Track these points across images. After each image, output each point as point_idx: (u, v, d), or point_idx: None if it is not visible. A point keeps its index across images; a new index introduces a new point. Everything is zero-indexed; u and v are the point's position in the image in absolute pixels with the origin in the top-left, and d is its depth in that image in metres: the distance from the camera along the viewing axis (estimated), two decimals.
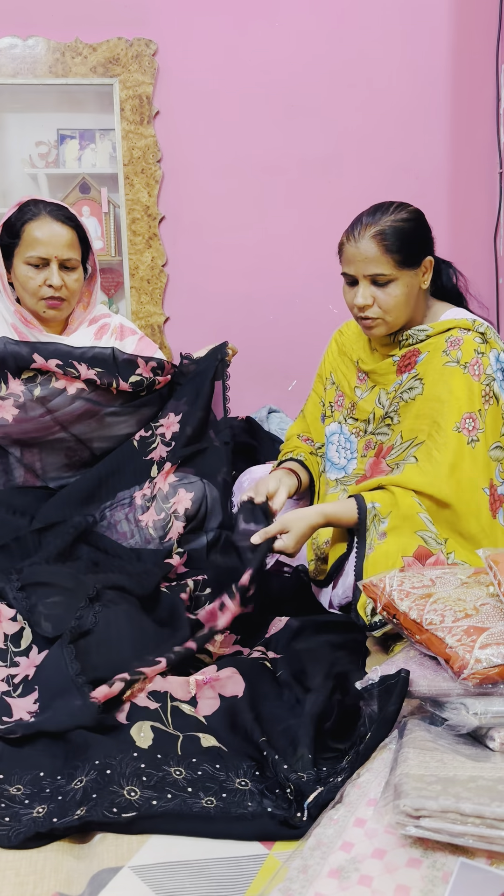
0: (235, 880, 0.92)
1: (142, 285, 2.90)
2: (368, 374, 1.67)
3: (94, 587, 1.45)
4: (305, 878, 0.84)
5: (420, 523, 1.43)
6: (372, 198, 2.82)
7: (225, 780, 1.08)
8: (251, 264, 2.95)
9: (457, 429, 1.47)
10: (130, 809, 1.01)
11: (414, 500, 1.44)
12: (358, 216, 1.56)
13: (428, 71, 2.85)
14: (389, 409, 1.60)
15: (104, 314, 1.95)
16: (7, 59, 2.73)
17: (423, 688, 1.11)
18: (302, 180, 2.90)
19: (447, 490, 1.45)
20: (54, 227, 1.74)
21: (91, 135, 2.86)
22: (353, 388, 1.71)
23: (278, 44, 2.80)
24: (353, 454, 1.69)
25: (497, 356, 1.52)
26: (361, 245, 1.50)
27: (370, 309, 1.53)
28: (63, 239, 1.74)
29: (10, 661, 1.31)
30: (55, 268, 1.74)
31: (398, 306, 1.53)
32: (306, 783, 1.06)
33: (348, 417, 1.71)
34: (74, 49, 2.73)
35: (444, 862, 0.82)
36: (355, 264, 1.52)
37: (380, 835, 0.86)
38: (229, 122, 2.84)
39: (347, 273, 1.55)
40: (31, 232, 1.74)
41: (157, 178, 2.83)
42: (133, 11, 2.75)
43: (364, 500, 1.46)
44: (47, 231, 1.73)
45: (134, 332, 1.96)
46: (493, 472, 1.50)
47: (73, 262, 1.77)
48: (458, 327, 1.53)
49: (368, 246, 1.50)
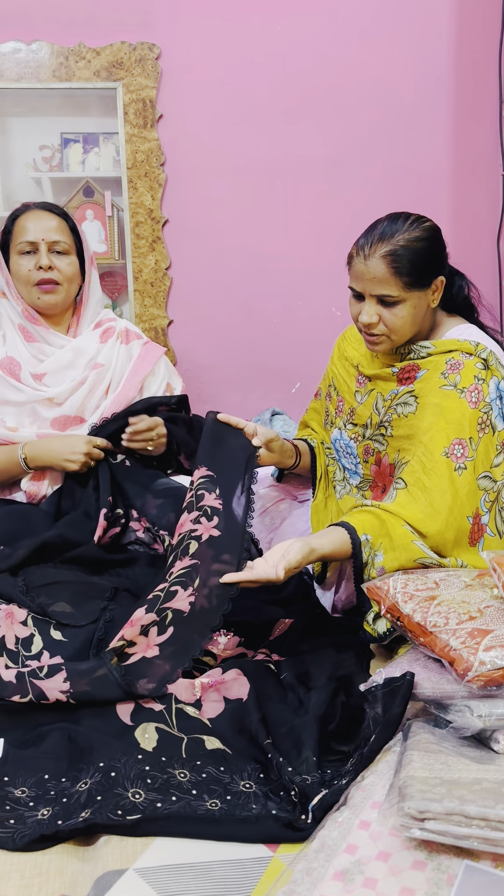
0: (240, 883, 0.92)
1: (145, 288, 2.91)
2: (369, 378, 1.64)
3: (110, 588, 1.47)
4: (310, 880, 0.84)
5: (418, 551, 1.39)
6: (375, 200, 2.85)
7: (229, 782, 1.09)
8: (254, 267, 2.95)
9: (445, 454, 1.43)
10: (135, 812, 1.01)
11: (406, 528, 1.39)
12: (371, 227, 1.50)
13: (430, 73, 2.85)
14: (384, 418, 1.57)
15: (109, 318, 1.95)
16: (11, 64, 2.74)
17: (428, 690, 1.11)
18: (305, 183, 2.90)
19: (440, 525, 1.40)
20: (42, 214, 1.80)
21: (95, 138, 2.87)
22: (352, 392, 1.68)
23: (281, 47, 2.80)
24: (356, 459, 1.67)
25: (497, 384, 1.47)
26: (371, 264, 1.45)
27: (375, 327, 1.49)
28: (50, 224, 1.79)
29: (22, 663, 1.31)
30: (44, 249, 1.77)
31: (404, 326, 1.49)
32: (310, 785, 1.06)
33: (348, 423, 1.68)
34: (78, 53, 2.74)
35: (449, 864, 0.82)
36: (363, 282, 1.47)
37: (384, 837, 0.86)
38: (232, 125, 2.85)
39: (354, 288, 1.51)
40: (20, 223, 1.80)
41: (160, 181, 2.84)
42: (137, 15, 2.76)
43: (356, 531, 1.39)
44: (34, 218, 1.79)
45: (139, 337, 1.95)
46: (479, 502, 1.45)
47: (63, 244, 1.79)
48: (461, 350, 1.49)
49: (378, 266, 1.44)
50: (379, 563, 1.38)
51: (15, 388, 1.80)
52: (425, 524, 1.40)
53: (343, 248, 1.57)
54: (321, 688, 1.29)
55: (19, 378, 1.81)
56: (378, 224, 1.49)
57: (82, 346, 1.85)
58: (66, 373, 1.83)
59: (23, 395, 1.81)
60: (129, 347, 1.91)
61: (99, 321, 1.92)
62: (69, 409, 1.82)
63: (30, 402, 1.81)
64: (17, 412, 1.82)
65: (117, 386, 1.87)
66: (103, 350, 1.87)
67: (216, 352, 3.00)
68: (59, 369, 1.83)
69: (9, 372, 1.81)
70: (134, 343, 1.92)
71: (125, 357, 1.90)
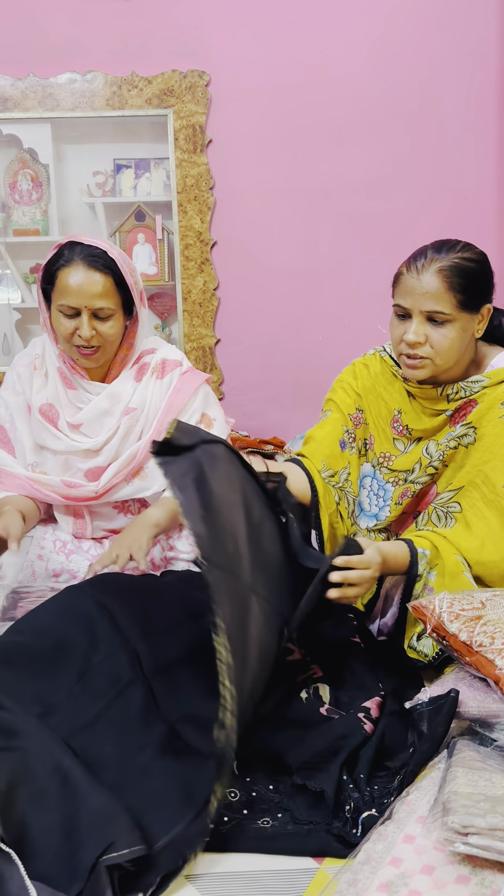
0: (286, 892, 0.94)
1: (194, 308, 2.97)
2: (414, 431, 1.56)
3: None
4: (355, 891, 0.86)
5: (467, 583, 1.37)
6: (420, 220, 2.87)
7: (279, 801, 1.10)
8: (300, 287, 2.99)
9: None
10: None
11: (458, 557, 1.38)
12: (421, 249, 1.46)
13: (475, 93, 2.87)
14: (435, 459, 1.51)
15: (148, 350, 1.85)
16: (67, 94, 2.84)
17: (473, 709, 1.12)
18: (350, 204, 2.94)
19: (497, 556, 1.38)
20: (86, 274, 1.65)
21: (146, 164, 2.95)
22: (389, 438, 1.60)
23: (326, 72, 2.85)
24: (386, 502, 1.59)
25: None
26: (424, 278, 1.40)
27: (421, 347, 1.43)
28: (95, 288, 1.65)
29: None
30: (86, 318, 1.66)
31: (451, 350, 1.43)
32: (359, 800, 1.07)
33: (382, 466, 1.61)
34: (130, 82, 2.83)
35: (493, 880, 0.83)
36: (414, 297, 1.42)
37: (429, 851, 0.88)
38: (279, 149, 2.90)
39: (402, 305, 1.45)
40: (62, 279, 1.66)
41: (209, 204, 2.91)
42: (187, 44, 2.84)
43: (414, 544, 1.37)
44: (78, 279, 1.64)
45: (178, 365, 1.84)
46: None
47: (106, 311, 1.67)
48: None
49: (432, 280, 1.40)
50: (431, 582, 1.37)
51: (54, 436, 1.75)
52: (480, 553, 1.38)
53: (388, 267, 1.55)
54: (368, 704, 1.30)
55: (57, 426, 1.76)
56: (427, 247, 1.46)
57: (118, 390, 1.78)
58: (103, 421, 1.77)
59: (61, 443, 1.75)
60: (166, 380, 1.81)
61: (139, 355, 1.83)
62: (104, 460, 1.76)
63: (66, 453, 1.76)
64: (53, 460, 1.78)
65: (149, 429, 1.78)
66: (137, 390, 1.79)
67: (262, 370, 3.05)
68: (95, 417, 1.77)
69: (48, 419, 1.77)
70: (172, 374, 1.82)
71: (160, 393, 1.81)
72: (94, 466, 1.77)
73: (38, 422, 1.77)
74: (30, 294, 2.99)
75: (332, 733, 1.19)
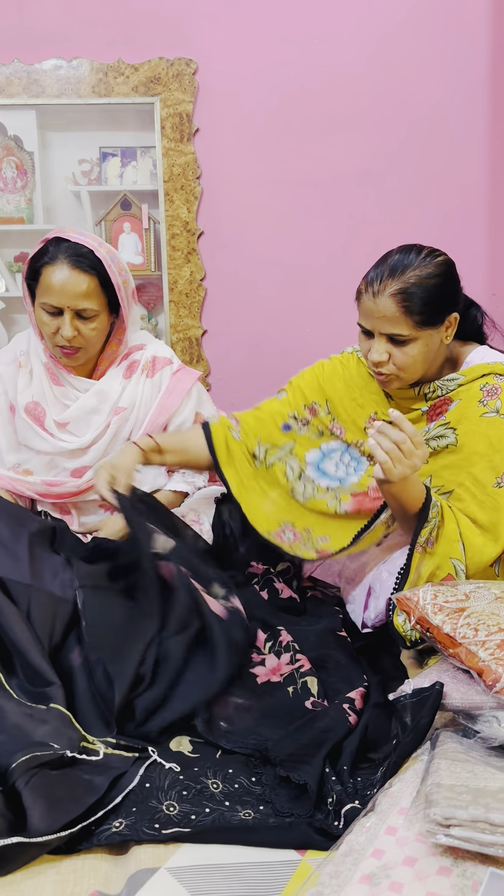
0: (269, 884, 0.94)
1: (180, 299, 2.95)
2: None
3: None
4: (337, 883, 0.86)
5: (457, 551, 1.39)
6: (409, 209, 2.86)
7: (261, 793, 1.10)
8: (288, 278, 2.98)
9: (497, 484, 1.40)
10: (170, 825, 1.02)
11: (455, 526, 1.39)
12: (381, 260, 1.44)
13: (466, 83, 2.86)
14: None
15: (137, 347, 1.83)
16: (52, 80, 2.81)
17: (456, 700, 1.12)
18: (339, 195, 2.92)
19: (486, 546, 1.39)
20: (70, 274, 1.62)
21: (132, 152, 2.93)
22: (361, 430, 1.62)
23: (315, 61, 2.83)
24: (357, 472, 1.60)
25: None
26: (380, 302, 1.39)
27: (385, 366, 1.44)
28: (78, 288, 1.62)
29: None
30: (68, 318, 1.64)
31: (415, 365, 1.44)
32: (342, 792, 1.07)
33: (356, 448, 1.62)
34: (117, 69, 2.80)
35: (474, 871, 0.83)
36: (372, 320, 1.42)
37: (411, 843, 0.88)
38: (267, 138, 2.88)
39: (363, 325, 1.46)
40: (46, 277, 1.63)
41: (196, 194, 2.89)
42: (174, 32, 2.81)
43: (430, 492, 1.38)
44: (61, 278, 1.61)
45: (169, 363, 1.82)
46: None
47: (90, 311, 1.65)
48: (494, 373, 1.45)
49: (387, 305, 1.39)
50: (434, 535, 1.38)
51: (40, 436, 1.73)
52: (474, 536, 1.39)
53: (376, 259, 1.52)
54: (352, 697, 1.30)
55: (44, 425, 1.74)
56: (389, 257, 1.44)
57: (106, 388, 1.76)
58: (91, 419, 1.75)
59: (47, 444, 1.73)
60: (157, 379, 1.80)
61: (128, 352, 1.81)
62: (91, 459, 1.74)
63: (52, 454, 1.75)
64: (37, 460, 1.76)
65: (139, 429, 1.77)
66: (127, 389, 1.77)
67: (249, 362, 3.03)
68: (82, 416, 1.75)
69: (34, 418, 1.74)
70: (163, 372, 1.80)
71: (150, 392, 1.79)
72: (81, 466, 1.75)
73: (23, 421, 1.75)
74: (14, 283, 2.96)
75: (317, 726, 1.20)
